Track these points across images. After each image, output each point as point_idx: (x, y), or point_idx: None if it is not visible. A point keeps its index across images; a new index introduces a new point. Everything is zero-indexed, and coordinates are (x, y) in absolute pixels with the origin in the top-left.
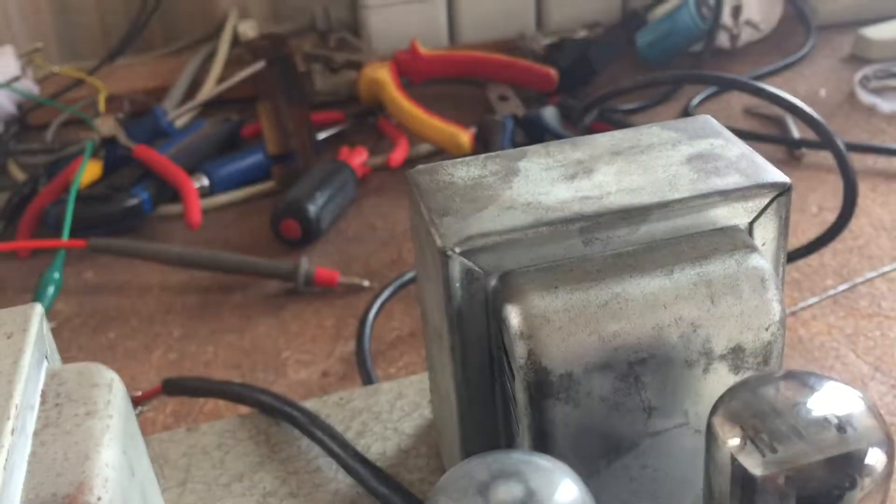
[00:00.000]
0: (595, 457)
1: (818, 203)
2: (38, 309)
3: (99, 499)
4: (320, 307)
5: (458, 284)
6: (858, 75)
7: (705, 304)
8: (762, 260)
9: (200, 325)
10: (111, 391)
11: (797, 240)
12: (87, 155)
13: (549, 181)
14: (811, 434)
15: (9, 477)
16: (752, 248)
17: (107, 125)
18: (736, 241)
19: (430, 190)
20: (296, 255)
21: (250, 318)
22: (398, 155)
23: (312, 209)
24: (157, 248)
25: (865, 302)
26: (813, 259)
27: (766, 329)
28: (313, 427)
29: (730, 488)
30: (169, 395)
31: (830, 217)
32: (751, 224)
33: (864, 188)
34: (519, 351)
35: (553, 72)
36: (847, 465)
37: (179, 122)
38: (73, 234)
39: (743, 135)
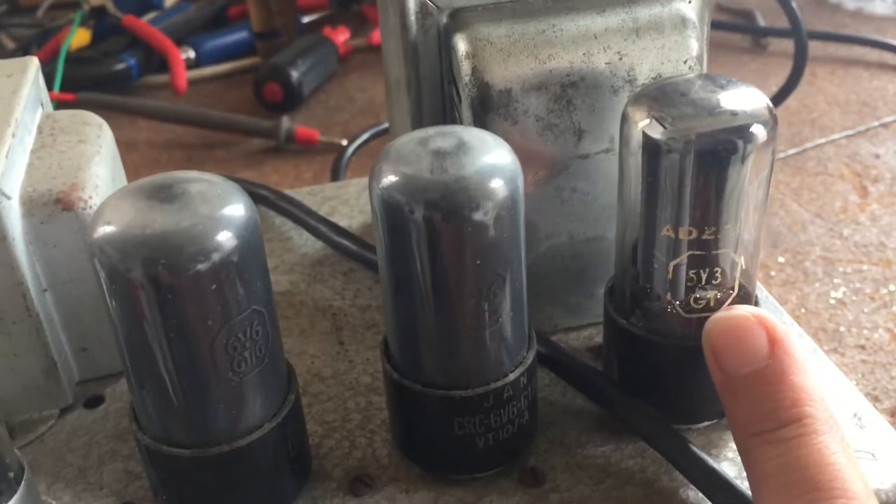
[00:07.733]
0: (531, 175)
1: (777, 84)
2: (35, 61)
3: (90, 197)
4: (299, 163)
5: (412, 18)
6: None
7: (631, 36)
8: (685, 6)
9: None
10: (101, 130)
11: None
12: (76, 22)
13: None
14: (708, 114)
15: (9, 168)
16: None
17: None
18: None
19: None
20: (278, 118)
21: (233, 172)
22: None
23: (295, 74)
24: (144, 102)
25: (812, 163)
26: None
27: (685, 62)
28: (282, 202)
29: (640, 161)
30: None
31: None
32: None
33: (823, 72)
34: (464, 70)
35: None
36: (734, 134)
37: (168, 3)
38: (62, 93)
39: (714, 25)
